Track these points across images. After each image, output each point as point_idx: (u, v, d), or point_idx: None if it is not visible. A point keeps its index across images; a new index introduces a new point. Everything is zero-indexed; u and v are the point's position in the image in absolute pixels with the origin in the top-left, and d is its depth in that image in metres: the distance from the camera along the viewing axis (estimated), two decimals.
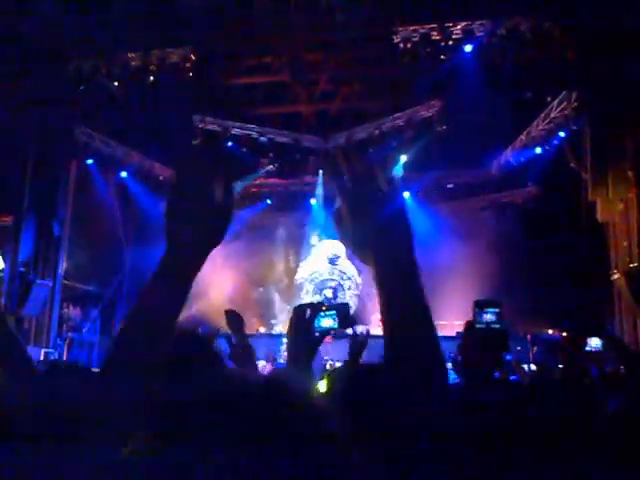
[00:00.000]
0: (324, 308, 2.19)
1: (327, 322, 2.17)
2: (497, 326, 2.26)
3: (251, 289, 17.81)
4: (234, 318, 2.93)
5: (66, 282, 14.69)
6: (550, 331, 13.52)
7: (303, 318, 2.16)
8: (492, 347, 2.16)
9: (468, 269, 16.01)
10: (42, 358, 12.06)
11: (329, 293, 17.52)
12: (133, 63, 14.14)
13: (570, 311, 12.93)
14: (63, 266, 14.32)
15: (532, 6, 12.39)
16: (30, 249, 13.40)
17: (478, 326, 2.24)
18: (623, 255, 11.95)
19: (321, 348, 2.28)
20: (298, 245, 18.56)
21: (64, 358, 14.01)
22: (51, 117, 13.61)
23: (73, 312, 15.77)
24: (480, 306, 2.32)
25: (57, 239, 13.95)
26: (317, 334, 2.18)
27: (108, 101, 15.01)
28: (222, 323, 3.09)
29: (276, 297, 17.88)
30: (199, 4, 12.89)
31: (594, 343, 4.35)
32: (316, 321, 2.17)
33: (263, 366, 12.08)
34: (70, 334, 15.31)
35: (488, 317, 2.31)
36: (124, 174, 16.45)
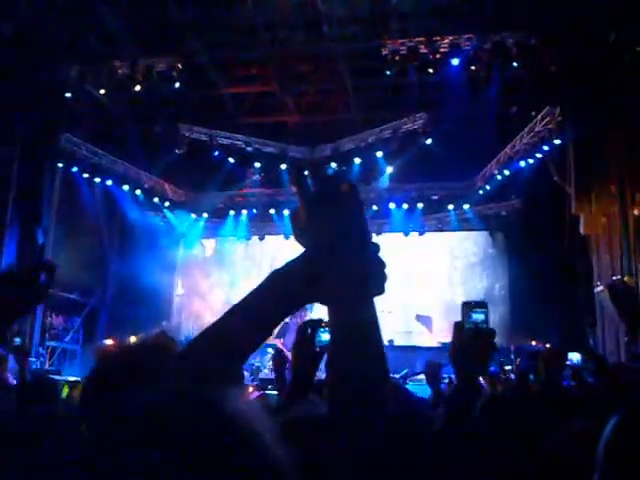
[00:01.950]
0: (323, 324, 2.26)
1: (327, 336, 2.24)
2: (485, 326, 2.29)
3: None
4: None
5: (49, 290, 14.52)
6: (533, 342, 13.58)
7: (305, 334, 2.23)
8: (484, 344, 2.18)
9: (450, 281, 16.08)
10: None
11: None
12: (120, 71, 14.12)
13: (553, 323, 13.02)
14: None
15: (518, 22, 12.56)
16: (13, 256, 13.28)
17: (467, 326, 2.26)
18: (606, 268, 12.07)
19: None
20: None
21: (46, 367, 13.86)
22: (36, 124, 13.53)
23: (55, 320, 15.62)
24: (469, 307, 2.34)
25: (41, 247, 13.81)
26: (318, 349, 2.28)
27: (94, 109, 14.97)
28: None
29: None
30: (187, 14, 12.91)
31: (575, 357, 4.41)
32: (317, 336, 2.27)
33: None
34: (52, 343, 15.17)
35: (477, 317, 2.33)
36: (109, 182, 16.36)
